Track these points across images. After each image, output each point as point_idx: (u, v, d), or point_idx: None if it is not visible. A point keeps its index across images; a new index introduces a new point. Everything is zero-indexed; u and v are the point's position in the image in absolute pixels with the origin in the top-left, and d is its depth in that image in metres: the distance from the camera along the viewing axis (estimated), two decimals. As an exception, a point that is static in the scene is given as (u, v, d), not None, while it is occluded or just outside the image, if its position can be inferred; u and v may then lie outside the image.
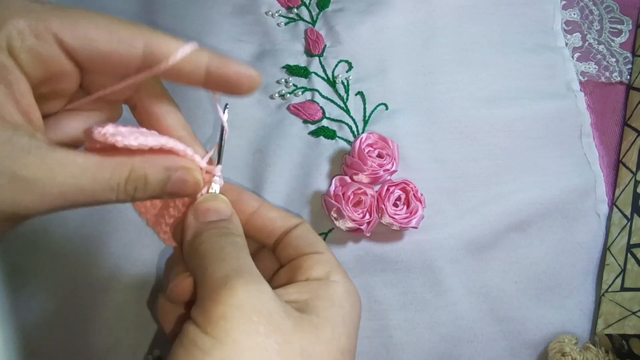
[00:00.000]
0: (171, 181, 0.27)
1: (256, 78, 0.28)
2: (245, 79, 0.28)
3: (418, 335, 0.40)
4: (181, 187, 0.28)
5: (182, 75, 0.27)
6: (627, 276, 0.40)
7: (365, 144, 0.42)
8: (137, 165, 0.26)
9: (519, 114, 0.47)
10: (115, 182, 0.26)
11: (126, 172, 0.26)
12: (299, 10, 0.51)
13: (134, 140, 0.26)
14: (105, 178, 0.25)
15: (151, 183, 0.27)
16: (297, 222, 0.33)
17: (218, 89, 0.28)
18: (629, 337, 0.37)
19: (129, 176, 0.26)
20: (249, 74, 0.28)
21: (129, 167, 0.26)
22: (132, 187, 0.26)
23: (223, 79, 0.27)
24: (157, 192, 0.27)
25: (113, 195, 0.26)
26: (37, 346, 0.38)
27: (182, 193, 0.28)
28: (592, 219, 0.44)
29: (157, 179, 0.27)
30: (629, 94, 0.50)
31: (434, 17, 0.50)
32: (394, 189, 0.41)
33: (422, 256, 0.41)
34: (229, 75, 0.27)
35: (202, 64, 0.27)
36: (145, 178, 0.26)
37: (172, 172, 0.27)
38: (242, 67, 0.28)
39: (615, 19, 0.54)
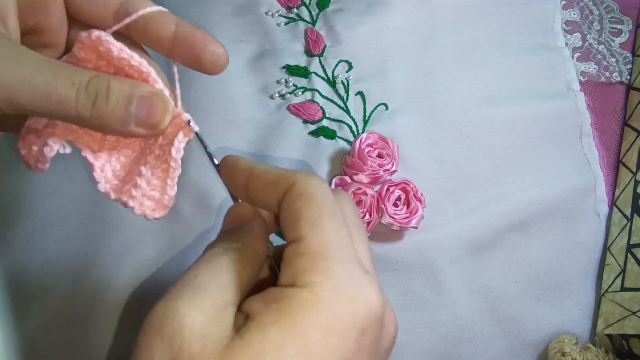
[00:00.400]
0: (137, 99, 0.26)
1: (222, 52, 0.28)
2: (210, 50, 0.27)
3: (418, 335, 0.40)
4: (148, 108, 0.26)
5: (149, 34, 0.27)
6: (627, 276, 0.40)
7: (365, 144, 0.42)
8: (100, 75, 0.25)
9: (519, 114, 0.47)
10: (78, 79, 0.24)
11: (89, 75, 0.25)
12: (299, 10, 0.51)
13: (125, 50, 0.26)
14: (69, 72, 0.24)
15: (114, 93, 0.25)
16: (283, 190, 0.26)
17: (183, 58, 0.28)
18: (629, 337, 0.37)
19: (92, 78, 0.25)
20: (216, 49, 0.27)
21: (91, 74, 0.25)
22: (93, 89, 0.25)
23: (189, 46, 0.27)
24: (120, 111, 0.25)
25: (73, 91, 0.24)
26: (37, 346, 0.38)
27: (148, 119, 0.26)
28: (592, 219, 0.44)
29: (122, 92, 0.25)
30: (629, 94, 0.50)
31: (434, 17, 0.50)
32: (394, 189, 0.41)
33: (422, 256, 0.41)
34: (195, 44, 0.27)
35: (170, 24, 0.27)
36: (108, 84, 0.25)
37: (138, 90, 0.26)
38: (209, 39, 0.27)
39: (615, 19, 0.54)
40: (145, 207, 0.29)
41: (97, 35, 0.26)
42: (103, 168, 0.29)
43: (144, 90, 0.26)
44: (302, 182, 0.26)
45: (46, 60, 0.24)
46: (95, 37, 0.26)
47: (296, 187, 0.25)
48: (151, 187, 0.29)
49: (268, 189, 0.26)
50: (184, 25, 0.27)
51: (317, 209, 0.25)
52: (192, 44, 0.27)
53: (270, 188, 0.26)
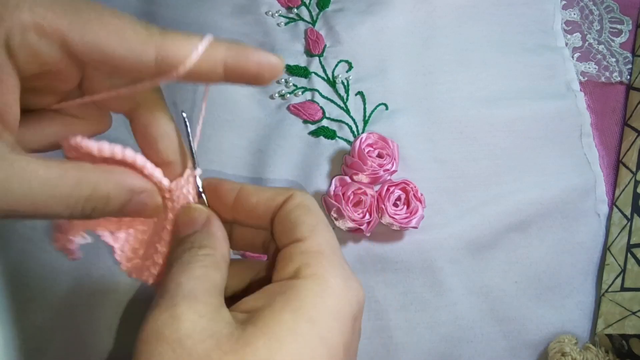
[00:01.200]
0: (132, 203, 0.26)
1: (278, 65, 0.26)
2: (266, 68, 0.26)
3: (418, 335, 0.40)
4: (141, 210, 0.27)
5: (199, 76, 0.25)
6: (627, 276, 0.40)
7: (365, 144, 0.42)
8: (101, 184, 0.25)
9: (519, 114, 0.47)
10: (74, 200, 0.24)
11: (88, 191, 0.25)
12: (299, 10, 0.51)
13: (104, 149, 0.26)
14: (64, 194, 0.24)
15: (112, 205, 0.26)
16: (282, 200, 0.28)
17: (239, 82, 0.26)
18: (629, 337, 0.37)
19: (91, 195, 0.25)
20: (270, 62, 0.26)
21: (92, 186, 0.25)
22: (90, 206, 0.25)
23: (243, 72, 0.25)
24: (114, 213, 0.26)
25: (67, 212, 0.24)
26: (37, 346, 0.38)
27: (138, 215, 0.27)
28: (592, 219, 0.44)
29: (119, 200, 0.26)
30: (629, 94, 0.50)
31: (434, 17, 0.50)
32: (394, 189, 0.41)
33: (422, 256, 0.41)
34: (249, 68, 0.25)
35: (219, 61, 0.25)
36: (107, 198, 0.25)
37: (135, 195, 0.26)
38: (262, 56, 0.25)
39: (615, 19, 0.54)
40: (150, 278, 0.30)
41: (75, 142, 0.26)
42: (123, 248, 0.30)
43: (142, 190, 0.27)
44: (300, 196, 0.28)
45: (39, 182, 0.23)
46: (74, 144, 0.26)
47: (295, 198, 0.28)
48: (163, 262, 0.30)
49: (263, 204, 0.29)
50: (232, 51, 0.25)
51: (315, 218, 0.28)
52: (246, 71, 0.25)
53: (265, 203, 0.28)
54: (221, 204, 0.29)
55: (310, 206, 0.28)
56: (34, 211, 0.23)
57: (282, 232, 0.28)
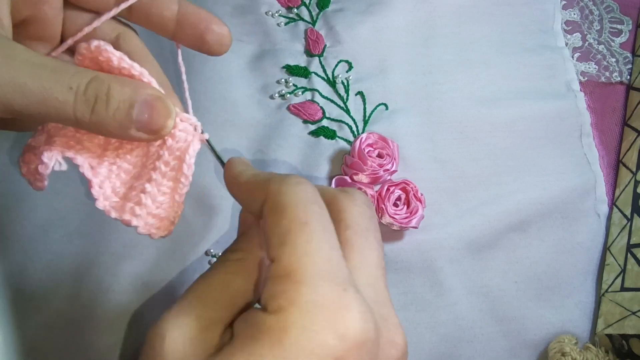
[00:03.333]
0: (138, 103, 0.24)
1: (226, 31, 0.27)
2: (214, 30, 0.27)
3: (418, 335, 0.40)
4: (150, 112, 0.25)
5: (153, 17, 0.27)
6: (627, 276, 0.40)
7: (365, 144, 0.42)
8: (101, 75, 0.24)
9: (519, 114, 0.47)
10: (76, 83, 0.23)
11: (89, 77, 0.24)
12: (299, 10, 0.51)
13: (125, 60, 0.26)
14: (66, 75, 0.23)
15: (115, 96, 0.24)
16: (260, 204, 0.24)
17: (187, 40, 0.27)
18: (629, 337, 0.37)
19: (91, 81, 0.24)
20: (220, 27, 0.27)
21: (92, 75, 0.24)
22: (93, 92, 0.23)
23: (193, 26, 0.27)
24: (120, 114, 0.24)
25: (71, 96, 0.23)
26: (37, 347, 0.38)
27: (150, 124, 0.25)
28: (592, 219, 0.44)
29: (122, 95, 0.24)
30: (629, 94, 0.50)
31: (434, 17, 0.50)
32: (394, 189, 0.41)
33: (422, 256, 0.41)
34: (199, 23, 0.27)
35: (173, 5, 0.27)
36: (108, 87, 0.24)
37: (140, 95, 0.24)
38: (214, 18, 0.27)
39: (615, 19, 0.54)
40: (150, 226, 0.27)
41: (96, 45, 0.26)
42: (102, 184, 0.27)
43: (146, 93, 0.25)
44: (274, 193, 0.23)
45: (41, 61, 0.23)
46: (94, 47, 0.26)
47: (269, 199, 0.23)
48: (157, 204, 0.27)
49: (251, 198, 0.25)
50: (187, 5, 0.27)
51: (287, 223, 0.22)
52: (196, 23, 0.27)
53: (252, 198, 0.24)
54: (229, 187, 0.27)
55: (284, 203, 0.22)
56: (38, 91, 0.23)
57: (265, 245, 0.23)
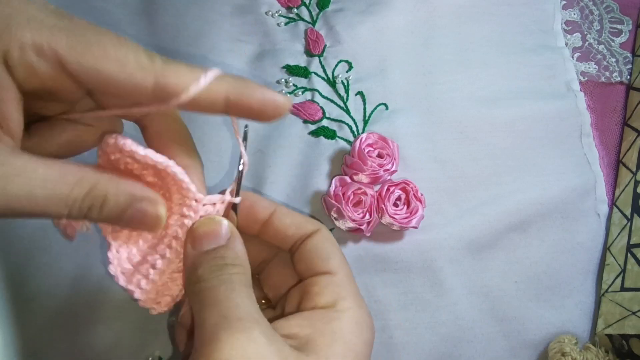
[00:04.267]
0: (131, 210, 0.26)
1: (283, 105, 0.26)
2: (270, 106, 0.26)
3: (418, 335, 0.40)
4: (140, 218, 0.26)
5: (199, 107, 0.25)
6: (627, 276, 0.40)
7: (365, 144, 0.42)
8: (101, 183, 0.25)
9: (519, 114, 0.47)
10: (72, 199, 0.24)
11: (86, 189, 0.25)
12: (299, 10, 0.51)
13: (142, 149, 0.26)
14: (64, 193, 0.24)
15: (109, 205, 0.25)
16: (312, 230, 0.31)
17: (240, 116, 0.26)
18: (629, 337, 0.37)
19: (88, 193, 0.25)
20: (275, 101, 0.26)
21: (91, 184, 0.25)
22: (87, 204, 0.25)
23: (245, 108, 0.26)
24: (113, 217, 0.26)
25: (65, 210, 0.24)
26: (37, 346, 0.38)
27: (139, 226, 0.27)
28: (592, 219, 0.44)
29: (117, 203, 0.25)
30: (629, 94, 0.50)
31: (434, 17, 0.50)
32: (394, 189, 0.41)
33: (422, 256, 0.41)
34: (251, 104, 0.25)
35: (221, 94, 0.25)
36: (104, 198, 0.25)
37: (135, 201, 0.26)
38: (267, 94, 0.26)
39: (615, 19, 0.54)
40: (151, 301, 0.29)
41: (122, 144, 0.26)
42: (119, 249, 0.29)
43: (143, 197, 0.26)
44: (326, 231, 0.32)
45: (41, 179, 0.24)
46: (120, 145, 0.26)
47: (323, 232, 0.31)
48: (163, 281, 0.29)
49: (295, 228, 0.31)
50: (237, 90, 0.25)
51: (341, 255, 0.31)
52: (249, 108, 0.26)
53: (297, 227, 0.31)
54: (253, 219, 0.31)
55: (335, 242, 0.32)
56: (32, 209, 0.24)
57: (311, 260, 0.30)
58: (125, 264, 0.29)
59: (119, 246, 0.29)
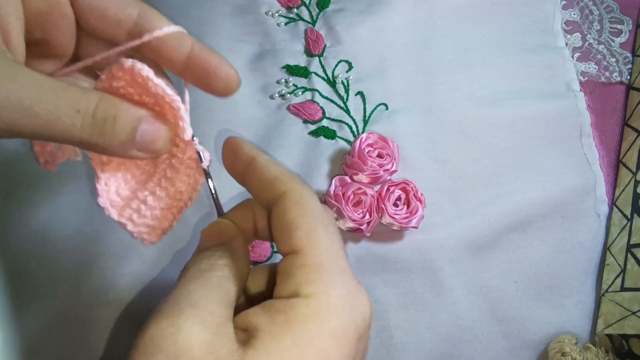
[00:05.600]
0: (142, 127, 0.26)
1: (234, 77, 0.27)
2: (223, 72, 0.27)
3: (418, 335, 0.40)
4: (151, 138, 0.26)
5: (164, 54, 0.27)
6: (627, 276, 0.40)
7: (365, 144, 0.42)
8: (108, 99, 0.25)
9: (519, 114, 0.47)
10: (84, 105, 0.24)
11: (97, 98, 0.24)
12: (299, 10, 0.51)
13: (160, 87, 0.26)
14: (74, 97, 0.24)
15: (121, 118, 0.25)
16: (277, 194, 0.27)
17: (194, 78, 0.27)
18: (629, 337, 0.37)
19: (99, 103, 0.24)
20: (229, 70, 0.27)
21: (100, 96, 0.25)
22: (101, 115, 0.24)
23: (202, 66, 0.27)
24: (124, 137, 0.25)
25: (78, 119, 0.24)
26: (37, 347, 0.38)
27: (152, 146, 0.26)
28: (592, 219, 0.44)
29: (129, 117, 0.25)
30: (629, 94, 0.50)
31: (434, 17, 0.50)
32: (394, 189, 0.41)
33: (422, 256, 0.41)
34: (209, 64, 0.27)
35: (186, 46, 0.27)
36: (115, 110, 0.25)
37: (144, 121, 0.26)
38: (225, 62, 0.27)
39: (615, 19, 0.54)
40: (142, 233, 0.29)
41: (139, 69, 0.26)
42: (108, 182, 0.28)
43: (149, 117, 0.26)
44: (297, 192, 0.26)
45: (48, 84, 0.23)
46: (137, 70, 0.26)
47: (290, 195, 0.26)
48: (154, 216, 0.29)
49: (264, 185, 0.27)
50: (199, 49, 0.27)
51: (313, 220, 0.25)
52: (205, 67, 0.27)
53: (266, 184, 0.27)
54: (234, 166, 0.29)
55: (307, 204, 0.26)
56: (45, 113, 0.23)
57: (280, 235, 0.26)
58: (114, 197, 0.28)
59: (107, 179, 0.28)
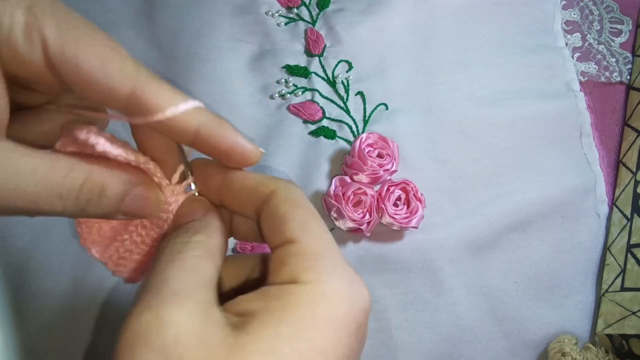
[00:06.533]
0: (129, 197, 0.24)
1: (251, 154, 0.25)
2: (237, 152, 0.25)
3: (418, 335, 0.40)
4: (140, 204, 0.25)
5: (167, 130, 0.24)
6: (627, 276, 0.40)
7: (365, 144, 0.42)
8: (96, 172, 0.23)
9: (519, 114, 0.47)
10: (67, 189, 0.23)
11: (82, 178, 0.23)
12: (299, 10, 0.51)
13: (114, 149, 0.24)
14: (56, 182, 0.22)
15: (108, 195, 0.24)
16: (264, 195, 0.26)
17: (205, 153, 0.25)
18: (629, 337, 0.37)
19: (84, 183, 0.23)
20: (244, 147, 0.25)
21: (86, 173, 0.23)
22: (85, 197, 0.23)
23: (212, 145, 0.25)
24: (112, 208, 0.24)
25: (60, 204, 0.23)
26: (37, 346, 0.38)
27: (140, 212, 0.25)
28: (592, 219, 0.44)
29: (116, 192, 0.24)
30: (629, 94, 0.50)
31: (434, 17, 0.50)
32: (394, 189, 0.41)
33: (422, 256, 0.41)
34: (219, 144, 0.25)
35: (193, 125, 0.24)
36: (102, 187, 0.23)
37: (132, 186, 0.24)
38: (239, 139, 0.25)
39: (615, 19, 0.54)
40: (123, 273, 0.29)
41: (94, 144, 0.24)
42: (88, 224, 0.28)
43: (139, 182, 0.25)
44: (284, 189, 0.26)
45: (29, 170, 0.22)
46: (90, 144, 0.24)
47: (279, 193, 0.26)
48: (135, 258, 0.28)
49: (245, 194, 0.26)
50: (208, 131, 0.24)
51: (305, 213, 0.25)
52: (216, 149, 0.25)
53: (247, 193, 0.26)
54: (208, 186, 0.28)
55: (298, 199, 0.26)
56: (24, 202, 0.22)
57: (272, 230, 0.25)
58: (96, 238, 0.28)
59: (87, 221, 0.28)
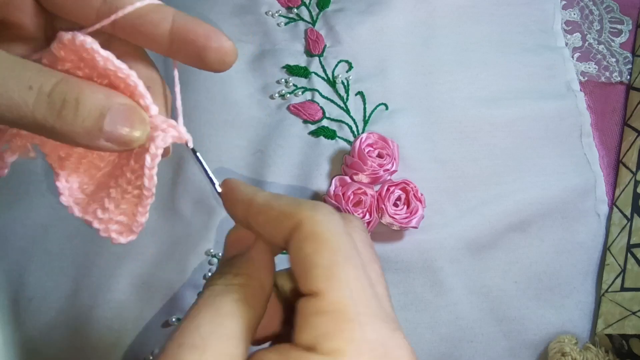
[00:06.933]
0: (111, 112, 0.22)
1: (229, 47, 0.23)
2: (215, 43, 0.23)
3: (419, 335, 0.40)
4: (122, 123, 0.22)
5: (143, 32, 0.23)
6: (627, 276, 0.40)
7: (365, 144, 0.42)
8: (72, 79, 0.21)
9: (519, 114, 0.47)
10: (38, 83, 0.21)
11: (56, 77, 0.21)
12: (299, 10, 0.51)
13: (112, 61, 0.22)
14: (26, 75, 0.20)
15: (86, 104, 0.21)
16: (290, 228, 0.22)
17: (182, 54, 0.24)
18: (629, 337, 0.37)
19: (59, 83, 0.21)
20: (221, 39, 0.23)
21: (62, 76, 0.21)
22: (59, 98, 0.21)
23: (189, 39, 0.23)
24: (91, 124, 0.21)
25: (30, 99, 0.20)
26: (37, 346, 0.38)
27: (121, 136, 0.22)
28: (592, 219, 0.44)
29: (94, 103, 0.21)
30: (629, 94, 0.50)
31: (434, 17, 0.50)
32: (394, 189, 0.41)
33: (422, 256, 0.41)
34: (197, 35, 0.23)
35: (167, 19, 0.23)
36: (78, 94, 0.21)
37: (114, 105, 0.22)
38: (215, 30, 0.24)
39: (615, 19, 0.54)
40: (111, 231, 0.26)
41: (82, 41, 0.22)
42: (69, 178, 0.26)
43: (120, 101, 0.22)
44: (309, 221, 0.22)
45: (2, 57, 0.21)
46: (79, 43, 0.22)
47: (303, 227, 0.22)
48: (120, 211, 0.26)
49: (271, 226, 0.23)
50: (183, 19, 0.23)
51: (331, 255, 0.21)
52: (193, 40, 0.23)
53: (273, 225, 0.23)
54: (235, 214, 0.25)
55: (324, 234, 0.22)
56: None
57: (298, 274, 0.22)
58: (78, 194, 0.26)
59: (68, 175, 0.26)
